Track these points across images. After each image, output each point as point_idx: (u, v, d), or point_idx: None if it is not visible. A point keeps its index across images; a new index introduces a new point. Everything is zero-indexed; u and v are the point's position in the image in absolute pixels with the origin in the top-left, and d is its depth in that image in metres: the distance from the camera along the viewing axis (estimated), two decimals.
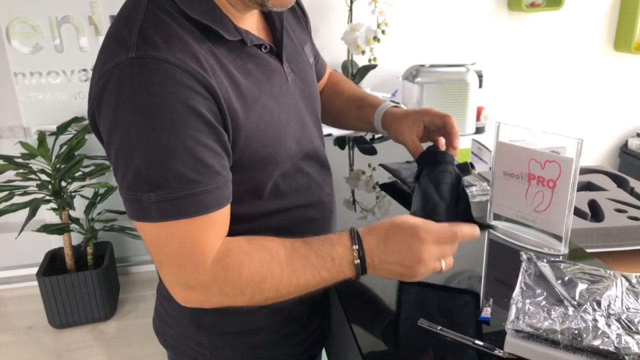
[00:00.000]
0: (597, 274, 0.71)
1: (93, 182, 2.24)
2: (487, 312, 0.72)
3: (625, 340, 0.59)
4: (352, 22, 2.22)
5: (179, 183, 0.61)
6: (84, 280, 2.22)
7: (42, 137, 2.13)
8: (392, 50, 2.39)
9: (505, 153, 0.89)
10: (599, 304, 0.65)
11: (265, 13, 0.81)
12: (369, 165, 1.42)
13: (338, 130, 1.62)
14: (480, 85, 2.18)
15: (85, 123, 2.26)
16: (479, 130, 2.22)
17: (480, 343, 0.65)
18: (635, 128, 2.81)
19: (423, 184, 0.83)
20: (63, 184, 2.20)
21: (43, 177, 2.15)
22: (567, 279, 0.71)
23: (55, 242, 2.46)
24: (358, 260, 0.68)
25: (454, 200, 0.80)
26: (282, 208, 0.80)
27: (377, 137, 1.66)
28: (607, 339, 0.59)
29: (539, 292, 0.68)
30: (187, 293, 0.67)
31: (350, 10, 2.24)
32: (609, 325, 0.61)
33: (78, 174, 2.18)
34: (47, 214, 2.36)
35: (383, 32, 2.12)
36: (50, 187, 2.15)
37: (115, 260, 2.54)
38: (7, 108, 2.37)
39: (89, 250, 2.31)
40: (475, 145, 1.48)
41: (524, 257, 0.76)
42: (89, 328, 2.31)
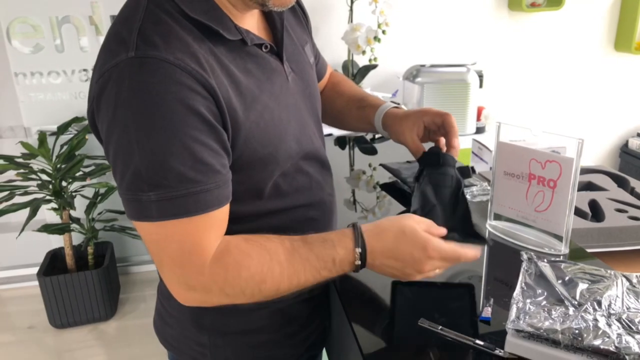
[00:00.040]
0: (597, 274, 0.71)
1: (94, 182, 2.24)
2: (487, 312, 0.72)
3: (626, 340, 0.59)
4: (352, 22, 2.22)
5: (179, 182, 0.61)
6: (85, 280, 2.23)
7: (42, 137, 2.14)
8: (392, 50, 2.39)
9: (506, 153, 0.89)
10: (600, 304, 0.65)
11: (266, 13, 0.80)
12: (370, 165, 1.42)
13: (338, 130, 1.61)
14: (481, 85, 2.18)
15: (86, 123, 2.26)
16: (480, 130, 2.22)
17: (481, 343, 0.65)
18: (636, 128, 2.81)
19: (423, 185, 0.83)
20: (64, 184, 2.20)
21: (44, 177, 2.15)
22: (567, 279, 0.70)
23: (56, 242, 2.46)
24: (359, 262, 0.69)
25: (453, 204, 0.80)
26: (282, 208, 0.80)
27: (377, 137, 1.66)
28: (607, 339, 0.59)
29: (540, 292, 0.68)
30: (187, 293, 0.67)
31: (351, 10, 2.24)
32: (610, 325, 0.61)
33: (79, 174, 2.18)
34: (47, 214, 2.36)
35: (384, 32, 2.12)
36: (51, 187, 2.15)
37: (116, 260, 2.54)
38: (7, 108, 2.37)
39: (90, 250, 2.31)
40: (476, 145, 1.47)
41: (525, 257, 0.76)
42: (90, 328, 2.31)
